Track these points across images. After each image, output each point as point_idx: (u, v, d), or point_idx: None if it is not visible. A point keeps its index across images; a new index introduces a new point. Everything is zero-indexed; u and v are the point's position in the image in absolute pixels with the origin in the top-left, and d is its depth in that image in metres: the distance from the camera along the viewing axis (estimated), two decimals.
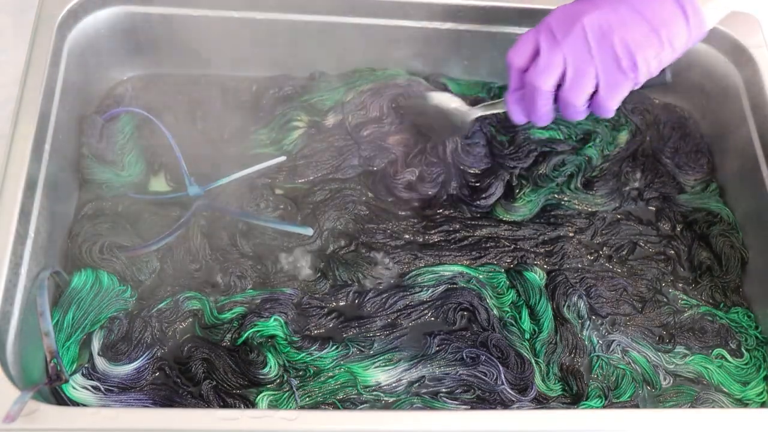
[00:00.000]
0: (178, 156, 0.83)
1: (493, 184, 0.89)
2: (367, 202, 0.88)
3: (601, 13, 0.67)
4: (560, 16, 0.69)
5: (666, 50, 0.68)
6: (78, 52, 0.85)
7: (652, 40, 0.67)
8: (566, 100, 0.70)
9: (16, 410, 0.60)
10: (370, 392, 0.76)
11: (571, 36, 0.68)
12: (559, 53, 0.68)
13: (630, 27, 0.67)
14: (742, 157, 0.91)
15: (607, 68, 0.68)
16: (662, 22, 0.67)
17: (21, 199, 0.71)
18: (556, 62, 0.69)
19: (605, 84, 0.68)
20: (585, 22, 0.67)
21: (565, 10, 0.70)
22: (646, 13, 0.67)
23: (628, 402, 0.79)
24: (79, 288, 0.76)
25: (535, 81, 0.70)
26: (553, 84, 0.70)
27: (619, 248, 0.89)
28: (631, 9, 0.67)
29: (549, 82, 0.69)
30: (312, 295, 0.81)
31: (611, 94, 0.69)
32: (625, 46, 0.67)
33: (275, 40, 0.92)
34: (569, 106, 0.70)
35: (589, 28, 0.67)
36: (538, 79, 0.69)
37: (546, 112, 0.72)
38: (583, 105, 0.70)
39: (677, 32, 0.67)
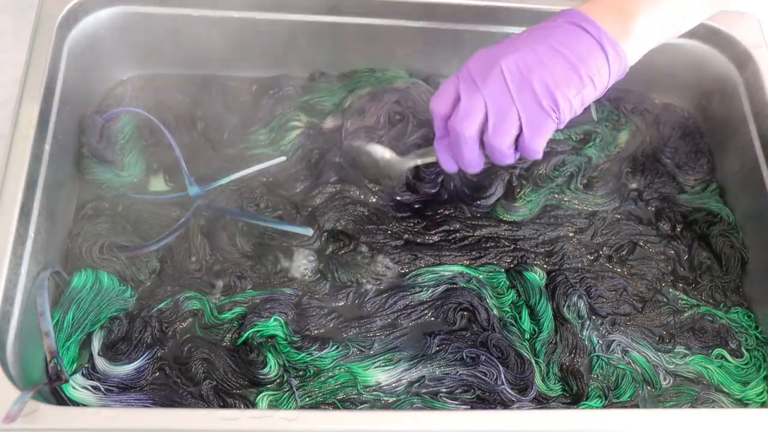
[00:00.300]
0: (178, 156, 0.83)
1: (493, 184, 0.89)
2: (367, 204, 0.88)
3: (519, 55, 0.67)
4: (479, 60, 0.68)
5: (587, 87, 0.67)
6: (78, 52, 0.85)
7: (572, 78, 0.66)
8: (491, 144, 0.69)
9: (16, 410, 0.60)
10: (370, 392, 0.76)
11: (489, 79, 0.67)
12: (479, 98, 0.67)
13: (548, 66, 0.66)
14: (742, 157, 0.91)
15: (528, 109, 0.67)
16: (581, 59, 0.66)
17: (21, 199, 0.71)
18: (477, 107, 0.68)
19: (528, 125, 0.67)
20: (503, 64, 0.66)
21: (484, 54, 0.69)
22: (564, 51, 0.66)
23: (628, 402, 0.79)
24: (79, 288, 0.76)
25: (458, 127, 0.69)
26: (476, 129, 0.69)
27: (619, 248, 0.89)
28: (549, 48, 0.66)
29: (471, 128, 0.69)
30: (312, 295, 0.81)
31: (535, 135, 0.68)
32: (544, 85, 0.66)
33: (275, 40, 0.92)
34: (495, 150, 0.69)
35: (507, 70, 0.66)
36: (460, 125, 0.69)
37: (473, 158, 0.71)
38: (509, 148, 0.69)
39: (597, 69, 0.66)
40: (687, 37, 0.94)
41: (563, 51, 0.66)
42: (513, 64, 0.66)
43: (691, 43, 0.94)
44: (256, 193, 0.86)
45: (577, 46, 0.66)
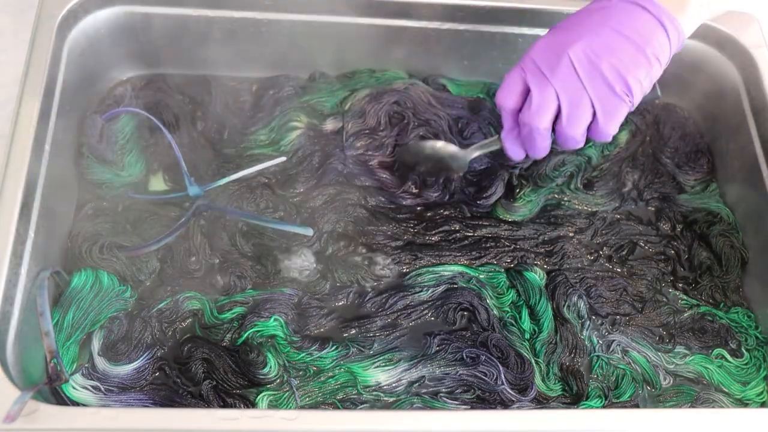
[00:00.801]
0: (178, 156, 0.83)
1: (494, 184, 0.89)
2: (366, 206, 0.87)
3: (585, 42, 0.67)
4: (543, 49, 0.69)
5: (654, 66, 0.67)
6: (78, 52, 0.85)
7: (640, 60, 0.66)
8: (565, 134, 0.69)
9: (16, 410, 0.60)
10: (370, 392, 0.76)
11: (559, 70, 0.67)
12: (550, 89, 0.68)
13: (616, 51, 0.66)
14: (742, 157, 0.91)
15: (601, 96, 0.67)
16: (645, 40, 0.66)
17: (21, 199, 0.71)
18: (550, 99, 0.68)
19: (603, 112, 0.68)
20: (571, 53, 0.67)
21: (548, 43, 0.69)
22: (628, 33, 0.66)
23: (628, 402, 0.79)
24: (79, 288, 0.76)
25: (532, 122, 0.69)
26: (550, 121, 0.69)
27: (619, 248, 0.89)
28: (612, 31, 0.67)
29: (545, 121, 0.69)
30: (312, 295, 0.81)
31: (610, 120, 0.68)
32: (615, 71, 0.66)
33: (275, 40, 0.92)
34: (569, 138, 0.70)
35: (576, 59, 0.66)
36: (534, 119, 0.69)
37: (545, 147, 0.72)
38: (582, 135, 0.70)
39: (660, 47, 0.67)
40: (687, 37, 0.94)
41: (627, 33, 0.66)
42: (580, 51, 0.67)
43: (691, 43, 0.94)
44: (256, 193, 0.86)
45: (639, 26, 0.67)
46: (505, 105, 0.72)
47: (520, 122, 0.71)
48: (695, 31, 0.92)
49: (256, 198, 0.85)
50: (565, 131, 0.69)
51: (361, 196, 0.88)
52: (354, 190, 0.88)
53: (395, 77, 0.95)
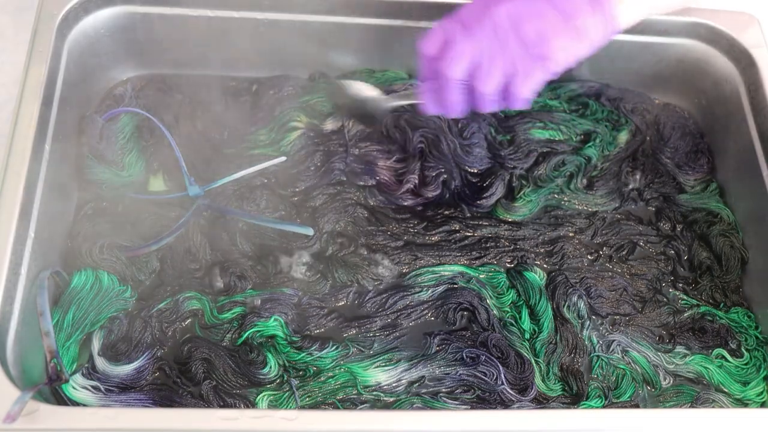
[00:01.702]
0: (178, 156, 0.83)
1: (494, 184, 0.89)
2: (367, 206, 0.87)
3: (513, 4, 0.67)
4: (472, 6, 0.69)
5: (582, 43, 0.68)
6: (78, 52, 0.85)
7: (563, 29, 0.67)
8: (477, 88, 0.69)
9: (16, 410, 0.60)
10: (370, 392, 0.76)
11: (482, 24, 0.67)
12: (469, 41, 0.68)
13: (541, 16, 0.67)
14: (742, 157, 0.91)
15: (517, 56, 0.67)
16: (574, 12, 0.67)
17: (21, 199, 0.71)
18: (466, 51, 0.68)
19: (517, 72, 0.68)
20: (496, 10, 0.67)
21: (478, 1, 0.70)
22: (559, 4, 0.67)
23: (628, 402, 0.79)
24: (79, 288, 0.76)
25: (446, 70, 0.69)
26: (463, 72, 0.69)
27: (619, 248, 0.89)
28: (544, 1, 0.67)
29: (458, 71, 0.69)
30: (312, 295, 0.81)
31: (523, 83, 0.68)
32: (537, 33, 0.66)
33: (275, 40, 0.92)
34: (480, 95, 0.70)
35: (499, 16, 0.67)
36: (448, 67, 0.69)
37: (457, 102, 0.72)
38: (493, 92, 0.69)
39: (590, 25, 0.67)
40: (687, 37, 0.94)
41: (558, 4, 0.67)
42: (504, 11, 0.67)
43: (691, 43, 0.94)
44: (256, 193, 0.86)
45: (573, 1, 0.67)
46: (424, 51, 0.72)
47: (437, 72, 0.71)
48: (695, 31, 0.93)
49: (256, 198, 0.85)
50: (478, 86, 0.69)
51: (362, 195, 0.88)
52: (354, 189, 0.88)
53: (395, 77, 0.95)
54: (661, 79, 0.99)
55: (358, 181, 0.88)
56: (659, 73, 0.98)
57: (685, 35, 0.94)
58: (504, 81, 0.69)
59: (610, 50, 0.95)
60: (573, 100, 0.98)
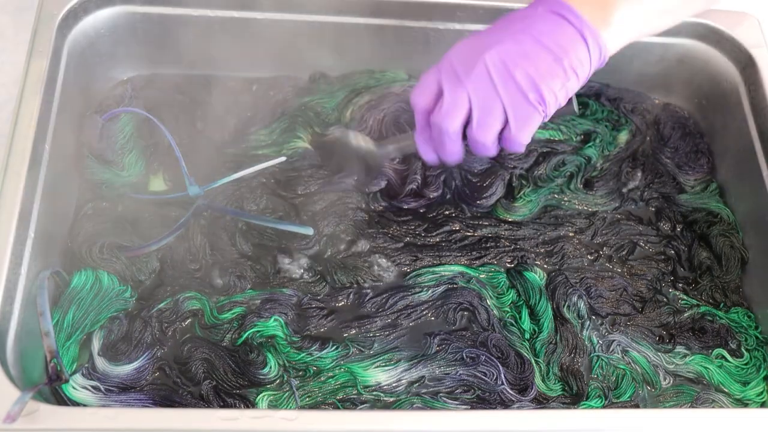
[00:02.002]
0: (178, 156, 0.83)
1: (494, 184, 0.89)
2: (368, 209, 0.87)
3: (502, 47, 0.66)
4: (462, 52, 0.68)
5: (571, 79, 0.66)
6: (78, 52, 0.85)
7: (556, 70, 0.65)
8: (475, 138, 0.68)
9: (16, 410, 0.60)
10: (370, 392, 0.76)
11: (473, 73, 0.66)
12: (463, 92, 0.67)
13: (533, 59, 0.65)
14: (742, 157, 0.91)
15: (513, 103, 0.66)
16: (564, 51, 0.65)
17: (21, 199, 0.71)
18: (461, 102, 0.67)
19: (514, 119, 0.67)
20: (487, 57, 0.65)
21: (467, 46, 0.68)
22: (548, 43, 0.65)
23: (628, 402, 0.79)
24: (79, 288, 0.76)
25: (441, 123, 0.68)
26: (460, 124, 0.68)
27: (619, 248, 0.89)
28: (532, 40, 0.66)
29: (455, 124, 0.68)
30: (312, 296, 0.81)
31: (521, 129, 0.67)
32: (530, 79, 0.65)
33: (275, 40, 0.92)
34: (478, 144, 0.69)
35: (492, 64, 0.65)
36: (443, 121, 0.68)
37: (455, 151, 0.71)
38: (492, 142, 0.69)
39: (579, 60, 0.66)
40: (687, 37, 0.94)
41: (547, 42, 0.65)
42: (497, 56, 0.65)
43: (691, 43, 0.94)
44: (256, 194, 0.86)
45: (559, 36, 0.66)
46: (417, 104, 0.70)
47: (431, 123, 0.70)
48: (695, 31, 0.93)
49: (256, 198, 0.85)
50: (475, 136, 0.68)
51: (363, 199, 0.88)
52: (356, 194, 0.88)
53: (395, 78, 0.95)
54: (661, 79, 0.99)
55: (369, 188, 0.88)
56: (659, 73, 0.98)
57: (685, 35, 0.94)
58: (501, 128, 0.68)
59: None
60: None
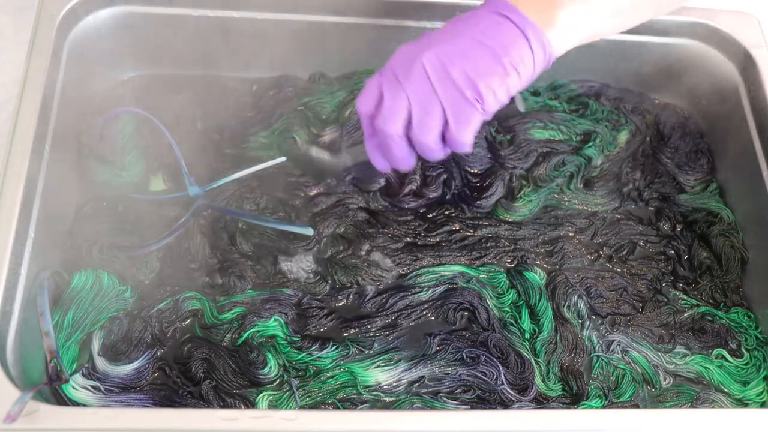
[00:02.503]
0: (178, 156, 0.83)
1: (494, 184, 0.89)
2: (368, 209, 0.87)
3: (440, 48, 0.65)
4: (401, 56, 0.67)
5: (511, 77, 0.65)
6: (78, 52, 0.85)
7: (494, 67, 0.65)
8: (417, 140, 0.68)
9: (16, 410, 0.60)
10: (370, 392, 0.76)
11: (411, 75, 0.66)
12: (401, 95, 0.66)
13: (470, 57, 0.65)
14: (742, 157, 0.91)
15: (451, 102, 0.65)
16: (503, 49, 0.65)
17: (21, 199, 0.71)
18: (400, 105, 0.67)
19: (453, 118, 0.66)
20: (424, 59, 0.65)
21: (406, 50, 0.68)
22: (487, 41, 0.65)
23: (628, 402, 0.79)
24: (79, 288, 0.76)
25: (383, 126, 0.68)
26: (402, 127, 0.68)
27: (619, 248, 0.89)
28: (471, 39, 0.65)
29: (396, 126, 0.67)
30: (312, 296, 0.81)
31: (461, 127, 0.66)
32: (466, 76, 0.64)
33: (275, 40, 0.92)
34: (422, 146, 0.69)
35: (429, 64, 0.65)
36: (385, 124, 0.68)
37: (403, 156, 0.70)
38: (435, 144, 0.68)
39: (521, 58, 0.65)
40: (687, 37, 0.94)
41: (485, 41, 0.65)
42: (434, 57, 0.65)
43: (691, 43, 0.94)
44: (256, 194, 0.86)
45: (500, 35, 0.65)
46: (361, 110, 0.70)
47: (376, 128, 0.70)
48: (695, 31, 0.93)
49: (256, 198, 0.85)
50: (417, 137, 0.68)
51: (364, 200, 0.88)
52: (356, 194, 0.88)
53: None
54: (661, 79, 0.99)
55: (367, 187, 0.88)
56: (659, 73, 0.98)
57: (685, 35, 0.94)
58: (442, 129, 0.67)
59: (611, 50, 0.95)
60: (573, 100, 0.98)
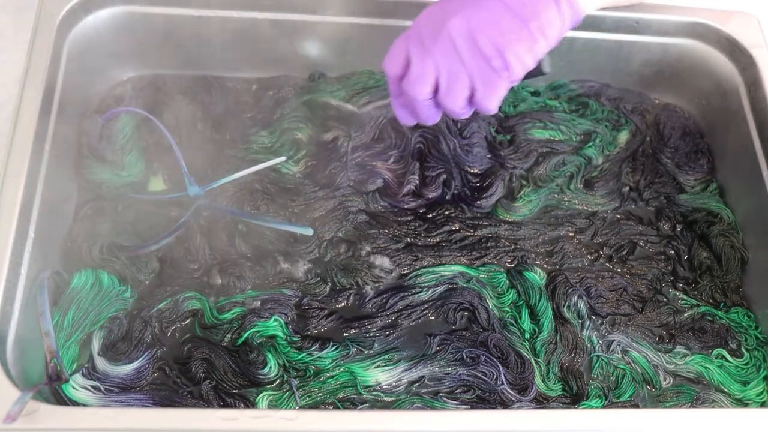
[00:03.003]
0: (178, 156, 0.83)
1: (494, 184, 0.89)
2: (368, 210, 0.87)
3: (466, 13, 0.65)
4: (428, 19, 0.68)
5: (539, 42, 0.65)
6: (78, 52, 0.85)
7: (522, 34, 0.64)
8: (443, 105, 0.69)
9: (16, 410, 0.60)
10: (370, 392, 0.76)
11: (439, 42, 0.66)
12: (429, 61, 0.67)
13: (498, 24, 0.64)
14: (742, 157, 0.91)
15: (479, 70, 0.66)
16: (531, 13, 0.64)
17: (21, 199, 0.71)
18: (428, 71, 0.67)
19: (480, 86, 0.67)
20: (451, 27, 0.65)
21: (433, 13, 0.68)
22: (514, 5, 0.64)
23: (628, 402, 0.79)
24: (79, 288, 0.76)
25: (410, 91, 0.69)
26: (429, 92, 0.68)
27: (619, 248, 0.89)
28: (498, 3, 0.65)
29: (424, 92, 0.68)
30: (312, 297, 0.81)
31: (488, 94, 0.67)
32: (494, 45, 0.64)
33: (275, 40, 0.92)
34: (448, 110, 0.70)
35: (456, 31, 0.65)
36: (413, 89, 0.68)
37: (429, 115, 0.72)
38: (462, 107, 0.69)
39: (549, 22, 0.65)
40: (687, 37, 0.94)
41: (512, 5, 0.65)
42: (461, 25, 0.65)
43: (691, 43, 0.94)
44: (256, 196, 0.86)
45: None
46: (389, 72, 0.71)
47: (403, 90, 0.70)
48: (695, 31, 0.93)
49: (256, 200, 0.85)
50: (444, 103, 0.69)
51: (363, 201, 0.88)
52: (356, 196, 0.88)
53: None
54: (661, 79, 0.99)
55: (365, 188, 0.88)
56: (659, 73, 0.98)
57: (685, 35, 0.94)
58: (469, 93, 0.68)
59: (611, 50, 0.95)
60: (573, 100, 0.98)
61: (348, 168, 0.88)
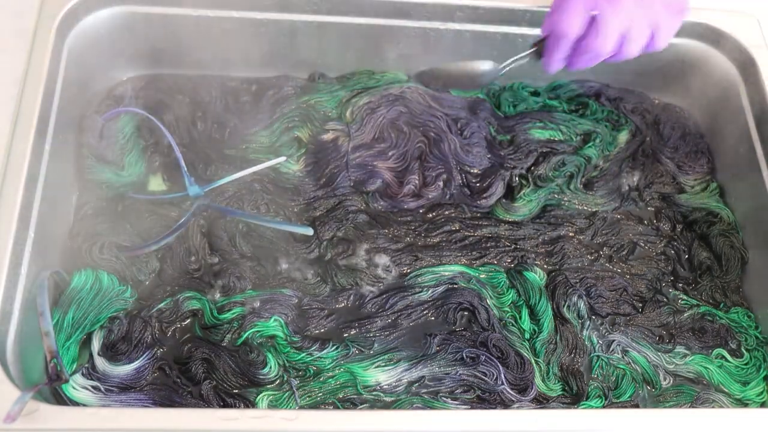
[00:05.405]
0: (178, 156, 0.83)
1: (494, 184, 0.89)
2: (368, 210, 0.87)
3: None
4: None
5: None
6: (78, 52, 0.85)
7: None
8: (624, 55, 0.73)
9: (16, 410, 0.60)
10: (370, 392, 0.76)
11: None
12: (618, 16, 0.70)
13: None
14: (742, 157, 0.91)
15: (662, 16, 0.71)
16: None
17: (21, 199, 0.71)
18: (617, 25, 0.70)
19: (660, 31, 0.72)
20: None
21: None
22: None
23: (628, 402, 0.79)
24: (79, 288, 0.76)
25: (600, 48, 0.71)
26: (617, 46, 0.72)
27: (619, 248, 0.89)
28: None
29: (611, 47, 0.71)
30: (312, 297, 0.81)
31: (664, 37, 0.73)
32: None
33: (275, 40, 0.92)
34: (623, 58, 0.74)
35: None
36: (603, 46, 0.71)
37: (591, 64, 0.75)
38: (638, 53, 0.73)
39: None
40: (687, 37, 0.94)
41: None
42: None
43: (691, 43, 0.94)
44: (256, 196, 0.86)
45: None
46: (569, 32, 0.72)
47: (583, 49, 0.73)
48: (695, 31, 0.93)
49: (256, 200, 0.85)
50: (625, 53, 0.72)
51: (363, 201, 0.88)
52: (356, 196, 0.88)
53: (395, 78, 0.95)
54: (661, 79, 0.99)
55: (365, 188, 0.88)
56: (659, 73, 0.98)
57: (685, 35, 0.94)
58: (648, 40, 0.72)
59: None
60: (573, 100, 0.98)
61: (348, 168, 0.88)
